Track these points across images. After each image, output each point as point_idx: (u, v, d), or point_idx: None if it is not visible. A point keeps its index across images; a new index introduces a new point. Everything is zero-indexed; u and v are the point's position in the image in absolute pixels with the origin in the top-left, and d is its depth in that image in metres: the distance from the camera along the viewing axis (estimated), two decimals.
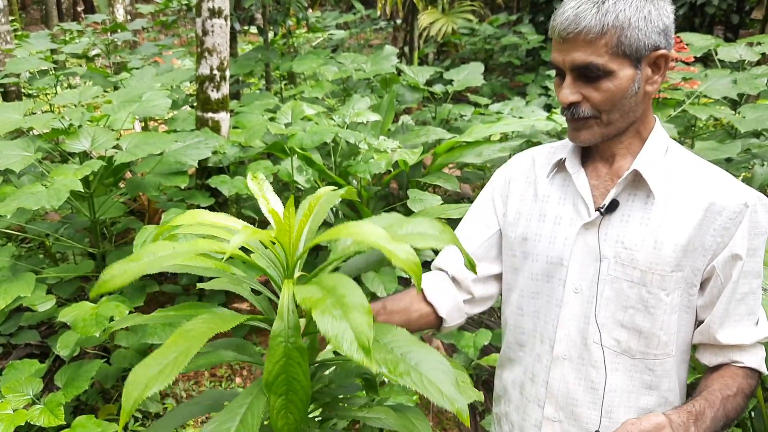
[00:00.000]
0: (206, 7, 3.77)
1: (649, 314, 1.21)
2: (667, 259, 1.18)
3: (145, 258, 1.07)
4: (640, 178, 1.21)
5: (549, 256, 1.29)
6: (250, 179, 1.27)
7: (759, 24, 9.77)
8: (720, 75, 4.19)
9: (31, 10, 22.68)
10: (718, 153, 3.30)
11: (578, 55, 1.13)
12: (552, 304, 1.29)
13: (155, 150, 2.96)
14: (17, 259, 3.09)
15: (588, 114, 1.18)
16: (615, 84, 1.14)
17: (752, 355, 1.25)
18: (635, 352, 1.23)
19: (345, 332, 0.90)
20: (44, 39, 6.28)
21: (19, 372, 2.75)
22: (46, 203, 2.52)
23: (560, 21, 1.14)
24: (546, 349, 1.31)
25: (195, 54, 4.07)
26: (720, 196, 1.18)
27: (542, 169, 1.36)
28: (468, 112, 5.00)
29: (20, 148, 3.01)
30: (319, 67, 5.10)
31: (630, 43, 1.12)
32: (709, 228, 1.18)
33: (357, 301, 0.94)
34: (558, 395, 1.29)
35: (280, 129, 3.61)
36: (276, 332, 1.03)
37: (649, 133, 1.25)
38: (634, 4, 1.11)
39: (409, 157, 3.55)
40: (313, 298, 0.96)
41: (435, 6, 10.37)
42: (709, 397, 1.17)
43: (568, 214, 1.28)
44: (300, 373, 1.03)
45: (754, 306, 1.24)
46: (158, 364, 0.99)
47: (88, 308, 2.70)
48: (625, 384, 1.25)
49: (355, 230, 1.01)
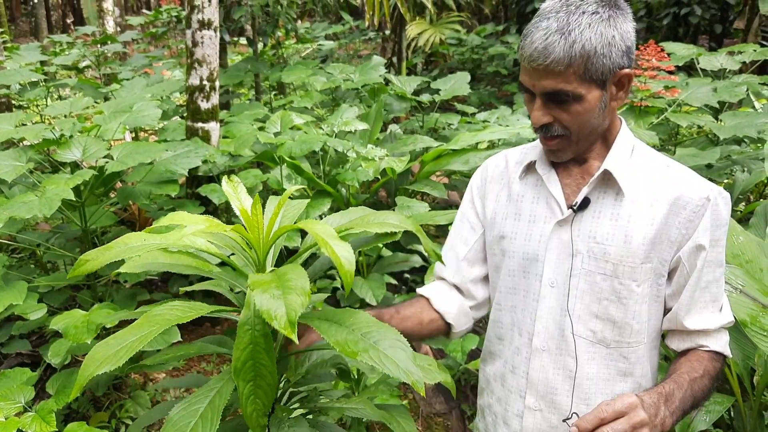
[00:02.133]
0: (196, 18, 3.82)
1: (622, 305, 1.27)
2: (637, 251, 1.25)
3: (117, 248, 1.18)
4: (610, 177, 1.28)
5: (525, 253, 1.35)
6: (225, 182, 1.33)
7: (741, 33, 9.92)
8: (701, 83, 4.29)
9: (20, 22, 22.66)
10: (698, 159, 3.38)
11: (548, 82, 1.19)
12: (529, 299, 1.35)
13: (146, 159, 3.01)
14: (8, 269, 3.11)
15: (559, 133, 1.25)
16: (583, 106, 1.21)
17: (717, 340, 1.33)
18: (610, 341, 1.30)
19: (278, 308, 0.97)
20: (34, 51, 6.31)
21: (10, 380, 2.77)
22: (38, 212, 2.55)
23: (529, 52, 1.18)
24: (525, 341, 1.36)
25: (185, 65, 4.12)
26: (684, 191, 1.25)
27: (515, 169, 1.42)
28: (455, 121, 5.08)
29: (12, 159, 3.04)
30: (308, 77, 5.16)
31: (596, 69, 1.18)
32: (675, 221, 1.25)
33: (299, 285, 1.02)
34: (538, 385, 1.35)
35: (269, 138, 3.66)
36: (243, 321, 1.10)
37: (616, 136, 1.32)
38: (599, 31, 1.16)
39: (397, 165, 3.61)
40: (261, 281, 1.03)
41: (423, 17, 10.47)
42: (678, 379, 1.23)
43: (542, 212, 1.35)
44: (266, 359, 1.09)
45: (718, 293, 1.31)
46: (117, 344, 1.05)
47: (79, 316, 2.73)
48: (601, 372, 1.32)
49: (309, 225, 1.10)
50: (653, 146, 3.63)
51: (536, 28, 1.19)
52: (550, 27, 1.17)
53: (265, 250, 1.23)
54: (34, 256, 4.30)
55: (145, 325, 1.09)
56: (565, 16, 1.16)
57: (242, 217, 1.22)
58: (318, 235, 1.05)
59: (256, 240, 1.20)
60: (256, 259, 1.23)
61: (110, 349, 1.04)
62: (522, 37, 1.23)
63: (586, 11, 1.16)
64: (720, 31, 10.72)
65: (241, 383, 1.09)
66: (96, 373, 1.00)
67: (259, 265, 1.23)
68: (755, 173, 3.75)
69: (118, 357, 1.01)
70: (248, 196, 1.31)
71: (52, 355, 2.82)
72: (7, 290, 2.80)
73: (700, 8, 10.03)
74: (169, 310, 1.14)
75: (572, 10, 1.17)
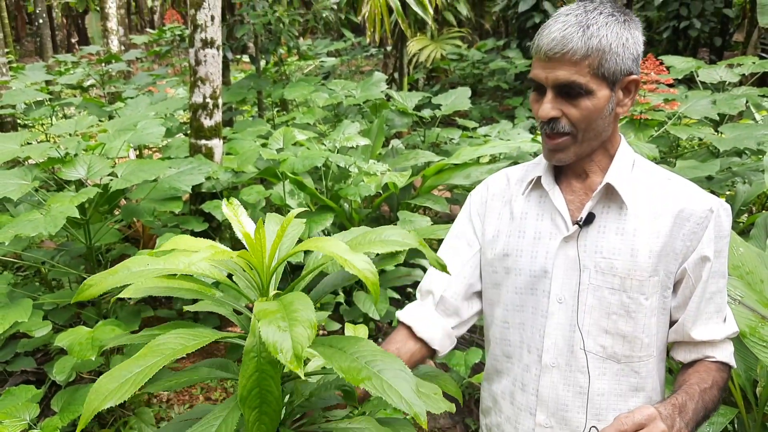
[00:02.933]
0: (199, 37, 3.87)
1: (631, 318, 1.28)
2: (644, 265, 1.26)
3: (121, 272, 1.17)
4: (613, 191, 1.29)
5: (532, 270, 1.35)
6: (225, 205, 1.33)
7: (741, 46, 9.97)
8: (700, 96, 4.31)
9: (25, 42, 22.89)
10: (698, 171, 3.39)
11: (562, 73, 1.20)
12: (538, 315, 1.35)
13: (150, 176, 3.04)
14: (14, 287, 3.13)
15: (566, 130, 1.25)
16: (593, 103, 1.22)
17: (723, 350, 1.33)
18: (620, 356, 1.30)
19: (285, 342, 0.96)
20: (39, 70, 6.38)
21: (15, 398, 2.78)
22: (43, 230, 2.58)
23: (547, 41, 1.21)
24: (534, 358, 1.36)
25: (188, 83, 4.17)
26: (687, 204, 1.27)
27: (517, 187, 1.43)
28: (456, 136, 5.11)
29: (17, 177, 3.08)
30: (310, 93, 5.21)
31: (609, 67, 1.21)
32: (679, 233, 1.26)
33: (305, 317, 1.01)
34: (549, 402, 1.35)
35: (272, 154, 3.69)
36: (249, 348, 1.08)
37: (617, 150, 1.33)
38: (615, 31, 1.21)
39: (399, 180, 3.64)
40: (267, 311, 1.02)
41: (424, 33, 10.56)
42: (689, 390, 1.24)
43: (547, 228, 1.35)
44: (272, 385, 1.08)
45: (722, 304, 1.33)
46: (121, 377, 1.03)
47: (84, 333, 2.75)
48: (612, 388, 1.32)
49: (319, 244, 1.09)
50: (653, 159, 3.65)
51: (555, 22, 1.22)
52: (568, 20, 1.20)
53: (269, 274, 1.22)
54: (39, 273, 4.32)
55: (150, 356, 1.07)
56: (584, 13, 1.21)
57: (245, 240, 1.21)
58: (333, 252, 1.04)
59: (259, 264, 1.20)
60: (259, 282, 1.23)
61: (115, 382, 1.02)
62: (538, 32, 1.25)
63: (603, 12, 1.21)
64: (720, 44, 10.78)
65: (247, 410, 1.08)
66: (101, 408, 0.99)
67: (263, 289, 1.23)
68: (756, 185, 3.76)
69: (123, 391, 1.00)
70: (249, 219, 1.31)
71: (56, 372, 2.84)
72: (12, 308, 2.82)
73: (700, 21, 10.10)
74: (174, 338, 1.13)
75: (590, 10, 1.21)
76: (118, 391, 1.01)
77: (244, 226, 1.27)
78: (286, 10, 6.26)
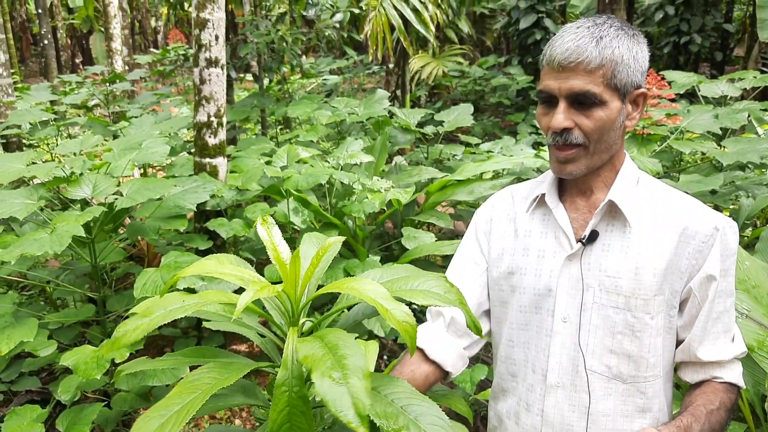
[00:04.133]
0: (203, 57, 3.90)
1: (636, 338, 1.26)
2: (649, 284, 1.25)
3: (157, 312, 1.12)
4: (616, 209, 1.29)
5: (536, 288, 1.35)
6: (260, 224, 1.29)
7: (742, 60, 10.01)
8: (702, 110, 4.33)
9: (30, 62, 23.09)
10: (701, 185, 3.39)
11: (577, 82, 1.21)
12: (542, 334, 1.34)
13: (154, 195, 3.05)
14: (19, 306, 3.14)
15: (578, 141, 1.25)
16: (606, 113, 1.22)
17: (731, 371, 1.32)
18: (626, 376, 1.29)
19: (342, 398, 0.93)
20: (44, 91, 6.43)
21: (20, 418, 2.77)
22: (49, 249, 2.58)
23: (560, 51, 1.22)
24: (539, 378, 1.35)
25: (192, 102, 4.19)
26: (692, 222, 1.26)
27: (521, 205, 1.43)
28: (459, 152, 5.12)
29: (23, 197, 3.09)
30: (313, 111, 5.23)
31: (621, 78, 1.22)
32: (684, 251, 1.25)
33: (357, 364, 0.97)
34: (554, 423, 1.33)
35: (276, 172, 3.70)
36: (280, 381, 1.06)
37: (621, 165, 1.33)
38: (626, 44, 1.22)
39: (402, 196, 3.64)
40: (314, 357, 0.99)
41: (426, 50, 10.63)
42: (695, 412, 1.23)
43: (551, 247, 1.35)
44: (303, 422, 1.05)
45: (730, 323, 1.31)
46: (161, 416, 1.01)
47: (89, 352, 2.75)
48: (618, 408, 1.30)
49: (357, 287, 1.06)
50: (656, 174, 3.66)
51: (566, 33, 1.23)
52: (580, 32, 1.22)
53: (302, 306, 1.20)
54: (44, 293, 4.33)
55: (185, 393, 1.05)
56: (595, 26, 1.23)
57: (279, 269, 1.19)
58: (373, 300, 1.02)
59: (292, 294, 1.18)
60: (289, 311, 1.21)
61: (156, 421, 1.00)
62: (548, 45, 1.26)
63: (613, 25, 1.23)
64: (720, 59, 10.83)
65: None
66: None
67: (293, 318, 1.21)
68: (760, 198, 3.75)
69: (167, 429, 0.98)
70: (284, 242, 1.28)
71: (61, 392, 2.83)
72: (18, 327, 2.83)
73: (700, 37, 10.15)
74: (207, 372, 1.11)
75: (600, 23, 1.23)
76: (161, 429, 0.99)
77: (280, 254, 1.24)
78: (289, 28, 6.31)
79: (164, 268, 2.92)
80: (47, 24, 12.58)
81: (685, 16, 10.24)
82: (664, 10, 10.23)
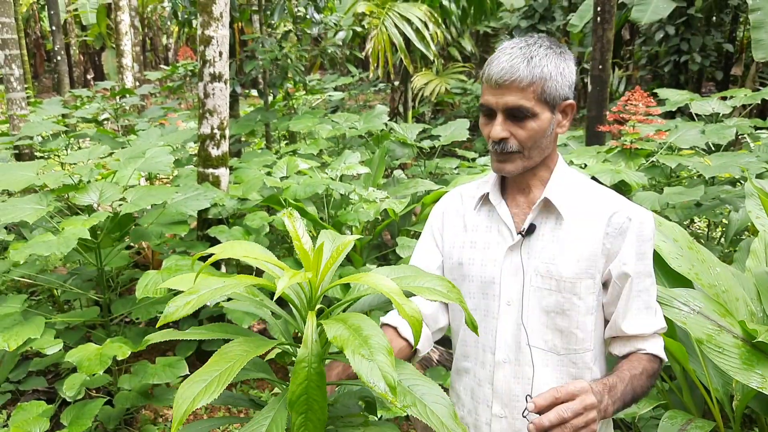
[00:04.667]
0: (208, 72, 4.08)
1: (566, 316, 1.44)
2: (575, 268, 1.43)
3: (203, 290, 1.23)
4: (551, 204, 1.47)
5: (483, 276, 1.52)
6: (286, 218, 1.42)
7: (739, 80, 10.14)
8: (690, 126, 4.47)
9: (43, 78, 23.51)
10: (683, 197, 3.52)
11: (511, 98, 1.38)
12: (489, 317, 1.52)
13: (158, 200, 3.20)
14: (27, 308, 3.28)
15: (514, 149, 1.43)
16: (538, 124, 1.41)
17: (653, 344, 1.48)
18: (560, 348, 1.46)
19: (373, 371, 1.07)
20: (56, 105, 6.65)
21: (27, 413, 2.91)
22: (56, 250, 2.74)
23: (497, 71, 1.39)
24: (489, 356, 1.52)
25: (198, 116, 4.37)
26: (613, 212, 1.44)
27: (469, 202, 1.61)
28: (455, 166, 5.28)
29: (33, 203, 3.25)
30: (314, 125, 5.40)
31: (550, 92, 1.40)
32: (606, 239, 1.43)
33: (381, 343, 1.12)
34: (502, 394, 1.50)
35: (275, 182, 3.86)
36: (301, 358, 1.19)
37: (555, 166, 1.52)
38: (554, 62, 1.40)
39: (397, 206, 3.78)
40: (343, 337, 1.13)
41: (429, 68, 10.83)
42: (620, 374, 1.38)
43: (494, 239, 1.53)
44: (319, 395, 1.19)
45: (649, 301, 1.47)
46: (203, 380, 1.14)
47: (93, 349, 2.89)
48: (554, 378, 1.47)
49: (373, 281, 1.20)
50: (642, 186, 3.79)
51: (501, 54, 1.41)
52: (514, 53, 1.39)
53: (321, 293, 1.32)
54: (52, 297, 4.48)
55: (222, 361, 1.18)
56: (527, 47, 1.40)
57: (301, 256, 1.32)
58: (388, 294, 1.15)
59: (314, 281, 1.30)
60: (308, 296, 1.33)
61: (198, 386, 1.12)
62: (487, 63, 1.43)
63: (543, 45, 1.41)
64: (721, 78, 10.96)
65: (294, 414, 1.17)
66: (193, 408, 1.08)
67: (312, 304, 1.33)
68: (744, 212, 3.87)
69: (211, 390, 1.10)
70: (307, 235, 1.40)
71: (66, 389, 2.96)
72: (26, 325, 2.97)
73: (700, 56, 10.30)
74: (238, 345, 1.24)
75: (531, 44, 1.41)
76: (206, 391, 1.11)
77: (303, 244, 1.37)
78: (294, 45, 6.50)
79: (165, 270, 3.07)
80: (61, 40, 12.88)
81: (686, 36, 10.40)
82: (665, 29, 10.39)
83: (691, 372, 2.33)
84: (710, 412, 2.45)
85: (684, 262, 2.34)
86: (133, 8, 13.48)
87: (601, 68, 5.21)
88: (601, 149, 4.44)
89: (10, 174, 3.48)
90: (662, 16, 9.41)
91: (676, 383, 2.66)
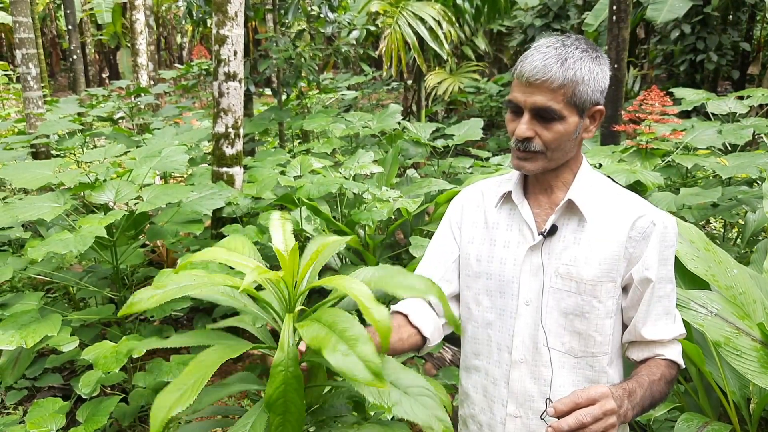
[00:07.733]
0: (222, 71, 4.10)
1: (585, 319, 1.43)
2: (596, 271, 1.41)
3: (170, 286, 1.24)
4: (574, 206, 1.45)
5: (501, 275, 1.51)
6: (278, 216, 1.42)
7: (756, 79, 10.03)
8: (706, 126, 4.42)
9: (59, 77, 23.70)
10: (699, 198, 3.49)
11: (540, 98, 1.35)
12: (506, 316, 1.50)
13: (173, 199, 3.22)
14: (44, 306, 3.31)
15: (537, 149, 1.40)
16: (564, 127, 1.38)
17: (671, 350, 1.47)
18: (577, 351, 1.45)
19: (355, 365, 1.06)
20: (72, 103, 6.71)
21: (43, 409, 2.94)
22: (73, 248, 2.76)
23: (529, 69, 1.36)
24: (505, 355, 1.51)
25: (213, 115, 4.39)
26: (635, 216, 1.42)
27: (490, 199, 1.59)
28: (469, 165, 5.26)
29: (50, 201, 3.28)
30: (328, 124, 5.41)
31: (580, 96, 1.37)
32: (629, 243, 1.41)
33: (357, 333, 1.10)
34: (518, 394, 1.49)
35: (289, 181, 3.87)
36: (277, 362, 1.19)
37: (579, 168, 1.49)
38: (588, 66, 1.37)
39: (410, 206, 3.78)
40: (319, 337, 1.12)
41: (443, 67, 10.81)
42: (639, 379, 1.37)
43: (515, 238, 1.51)
44: (296, 397, 1.19)
45: (670, 307, 1.46)
46: (178, 390, 1.15)
47: (108, 347, 2.91)
48: (570, 380, 1.46)
49: (345, 285, 1.18)
50: (659, 187, 3.75)
51: (536, 52, 1.38)
52: (548, 52, 1.36)
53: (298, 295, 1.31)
54: (68, 295, 4.52)
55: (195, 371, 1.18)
56: (562, 48, 1.37)
57: (278, 257, 1.30)
58: (357, 297, 1.13)
59: (290, 282, 1.29)
60: (286, 298, 1.32)
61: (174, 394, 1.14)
62: (520, 60, 1.40)
63: (579, 48, 1.38)
64: (737, 77, 10.84)
65: (272, 416, 1.19)
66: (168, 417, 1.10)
67: (290, 306, 1.32)
68: (761, 213, 3.83)
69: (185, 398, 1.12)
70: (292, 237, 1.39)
71: (82, 386, 2.99)
72: (42, 322, 3.00)
73: (717, 55, 10.19)
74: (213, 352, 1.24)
75: (567, 44, 1.38)
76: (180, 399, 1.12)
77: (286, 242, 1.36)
78: (307, 44, 6.52)
79: (180, 268, 3.08)
80: (76, 40, 12.97)
81: (702, 35, 10.29)
82: (681, 28, 10.29)
83: (707, 374, 2.31)
84: (726, 414, 2.43)
85: (701, 263, 2.32)
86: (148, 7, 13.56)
87: (616, 67, 5.17)
88: (616, 149, 4.41)
89: (27, 172, 3.52)
90: (678, 15, 9.32)
91: (692, 385, 2.64)
